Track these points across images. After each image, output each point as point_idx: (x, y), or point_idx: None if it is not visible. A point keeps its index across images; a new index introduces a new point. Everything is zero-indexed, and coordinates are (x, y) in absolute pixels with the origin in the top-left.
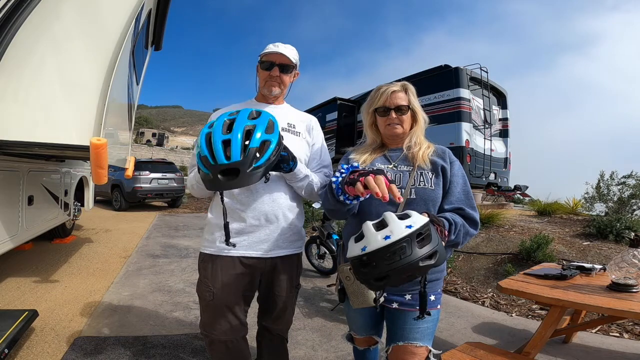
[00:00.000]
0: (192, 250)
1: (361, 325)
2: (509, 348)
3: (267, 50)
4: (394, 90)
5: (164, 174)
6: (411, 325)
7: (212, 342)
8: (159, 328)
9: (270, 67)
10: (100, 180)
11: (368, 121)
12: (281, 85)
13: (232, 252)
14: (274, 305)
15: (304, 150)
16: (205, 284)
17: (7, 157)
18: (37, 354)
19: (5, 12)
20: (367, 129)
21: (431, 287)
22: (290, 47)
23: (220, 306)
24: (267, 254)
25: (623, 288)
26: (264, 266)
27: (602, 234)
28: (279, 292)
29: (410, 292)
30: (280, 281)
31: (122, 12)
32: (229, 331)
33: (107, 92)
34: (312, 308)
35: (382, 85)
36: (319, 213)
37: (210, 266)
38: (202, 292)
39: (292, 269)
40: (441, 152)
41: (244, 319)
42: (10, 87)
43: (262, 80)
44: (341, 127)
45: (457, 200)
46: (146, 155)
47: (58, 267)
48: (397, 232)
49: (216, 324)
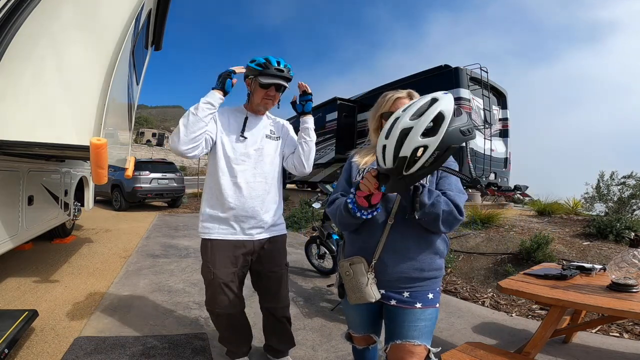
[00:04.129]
0: (192, 250)
1: (359, 323)
2: (509, 348)
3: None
4: (398, 97)
5: (164, 174)
6: (409, 323)
7: (218, 315)
8: (159, 328)
9: (268, 87)
10: (100, 180)
11: (373, 125)
12: (274, 102)
13: (228, 237)
14: (269, 282)
15: (279, 150)
16: (206, 265)
17: (7, 157)
18: (37, 354)
19: (5, 12)
20: (372, 133)
21: (429, 284)
22: (286, 69)
23: (219, 283)
24: (254, 237)
25: (623, 288)
26: (253, 247)
27: (602, 234)
28: (270, 268)
29: (408, 289)
30: (271, 258)
31: (122, 12)
32: (229, 305)
33: (107, 92)
34: (312, 308)
35: (388, 92)
36: (319, 213)
37: (210, 250)
38: (205, 273)
39: (279, 247)
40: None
41: (240, 294)
42: (10, 87)
43: (259, 97)
44: (341, 127)
45: (444, 187)
46: (146, 155)
47: (58, 267)
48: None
49: (217, 300)
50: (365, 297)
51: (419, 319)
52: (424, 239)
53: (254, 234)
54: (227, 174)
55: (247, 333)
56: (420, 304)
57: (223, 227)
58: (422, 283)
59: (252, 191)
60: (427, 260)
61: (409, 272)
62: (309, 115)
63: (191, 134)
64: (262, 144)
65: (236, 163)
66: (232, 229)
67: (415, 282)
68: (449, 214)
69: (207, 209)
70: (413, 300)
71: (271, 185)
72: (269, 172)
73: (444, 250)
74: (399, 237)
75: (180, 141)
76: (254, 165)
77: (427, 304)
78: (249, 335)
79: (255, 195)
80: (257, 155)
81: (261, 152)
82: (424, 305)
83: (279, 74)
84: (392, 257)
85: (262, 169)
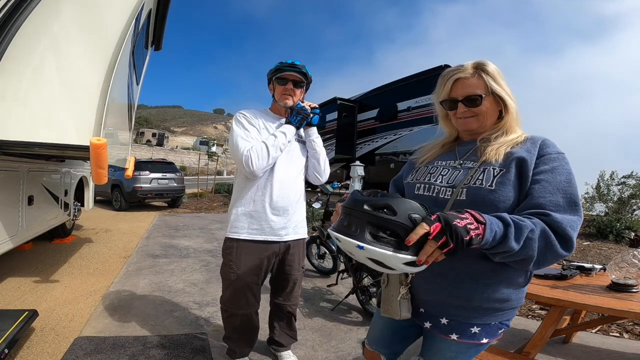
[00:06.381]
0: (192, 250)
1: (374, 336)
2: (509, 348)
3: (283, 68)
4: (459, 78)
5: (164, 174)
6: (438, 351)
7: (230, 315)
8: (159, 328)
9: (286, 83)
10: (100, 180)
11: (440, 114)
12: (294, 98)
13: (257, 237)
14: (286, 282)
15: (305, 152)
16: (229, 266)
17: (7, 157)
18: (37, 354)
19: (5, 12)
20: (441, 122)
21: (477, 316)
22: (302, 66)
23: (242, 285)
24: (282, 238)
25: (623, 288)
26: (279, 249)
27: (602, 234)
28: (289, 271)
29: (448, 316)
30: (292, 261)
31: (122, 12)
32: (246, 306)
33: (107, 92)
34: (312, 308)
35: (447, 70)
36: (319, 213)
37: (235, 250)
38: (226, 274)
39: (300, 250)
40: (531, 142)
41: (258, 296)
42: (10, 87)
43: (279, 94)
44: (341, 127)
45: (541, 202)
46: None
47: (58, 267)
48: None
49: (236, 300)
50: (390, 312)
51: (450, 349)
52: (482, 261)
53: (282, 234)
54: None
55: (254, 335)
56: (457, 335)
57: (254, 227)
58: (467, 313)
59: (285, 190)
60: (478, 288)
61: (449, 299)
62: (312, 128)
63: (272, 161)
64: (293, 146)
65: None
66: (262, 229)
67: (458, 311)
68: (546, 252)
69: (239, 208)
70: (450, 329)
71: (299, 186)
72: (299, 173)
73: (517, 277)
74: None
75: (263, 168)
76: (286, 166)
77: (467, 338)
78: (254, 337)
79: (287, 195)
80: (288, 157)
81: (292, 153)
82: (461, 338)
83: (292, 68)
84: (433, 276)
85: (293, 170)
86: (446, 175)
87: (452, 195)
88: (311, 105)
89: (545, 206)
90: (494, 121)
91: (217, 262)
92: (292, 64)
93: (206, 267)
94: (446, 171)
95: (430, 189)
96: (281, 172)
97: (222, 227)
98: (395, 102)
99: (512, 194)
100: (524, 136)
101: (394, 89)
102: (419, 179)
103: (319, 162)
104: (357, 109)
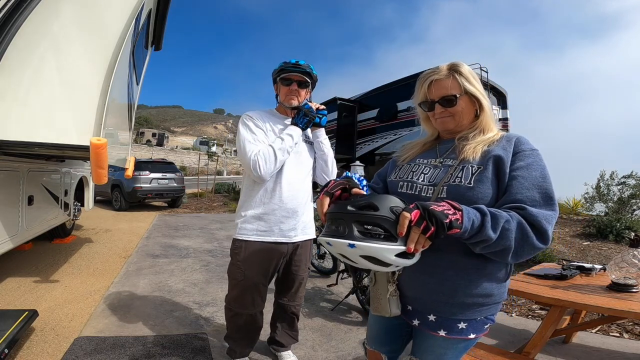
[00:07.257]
0: (192, 250)
1: (371, 336)
2: (509, 348)
3: (286, 68)
4: (434, 79)
5: (164, 174)
6: (427, 347)
7: (235, 314)
8: (159, 328)
9: (290, 83)
10: (100, 180)
11: (421, 115)
12: (299, 98)
13: (265, 239)
14: (292, 283)
15: (312, 153)
16: (237, 266)
17: (7, 157)
18: (37, 354)
19: (5, 12)
20: (423, 124)
21: (463, 312)
22: (306, 65)
23: (249, 285)
24: (292, 239)
25: (623, 288)
26: (287, 250)
27: (602, 234)
28: (296, 271)
29: (435, 312)
30: (300, 262)
31: (122, 12)
32: (251, 306)
33: (107, 92)
34: (312, 308)
35: (423, 73)
36: None
37: (244, 251)
38: (234, 273)
39: (308, 250)
40: (506, 140)
41: (265, 296)
42: (11, 87)
43: (283, 94)
44: (341, 127)
45: (518, 197)
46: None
47: (58, 267)
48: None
49: (242, 300)
50: (379, 310)
51: (440, 346)
52: (464, 257)
53: (292, 236)
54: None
55: (256, 335)
56: (445, 332)
57: (262, 228)
58: (453, 309)
59: (294, 192)
60: (462, 283)
61: (435, 295)
62: (320, 129)
63: (279, 165)
64: (301, 147)
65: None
66: (271, 230)
67: (444, 307)
68: (523, 243)
69: (247, 210)
70: (437, 325)
71: (308, 187)
72: (307, 175)
73: (497, 272)
74: (429, 251)
75: (270, 172)
76: (295, 166)
77: (454, 334)
78: (256, 337)
79: (296, 197)
80: (296, 158)
81: (300, 154)
82: (449, 334)
83: (296, 68)
84: (418, 273)
85: (301, 171)
86: (428, 173)
87: (434, 194)
88: (318, 107)
89: (522, 202)
90: (471, 120)
91: (217, 262)
92: (296, 64)
93: (206, 267)
94: (428, 169)
95: (412, 187)
96: (290, 173)
97: (222, 227)
98: (395, 102)
99: (490, 190)
100: (500, 134)
101: (394, 89)
102: (402, 177)
103: (326, 164)
104: (357, 108)
